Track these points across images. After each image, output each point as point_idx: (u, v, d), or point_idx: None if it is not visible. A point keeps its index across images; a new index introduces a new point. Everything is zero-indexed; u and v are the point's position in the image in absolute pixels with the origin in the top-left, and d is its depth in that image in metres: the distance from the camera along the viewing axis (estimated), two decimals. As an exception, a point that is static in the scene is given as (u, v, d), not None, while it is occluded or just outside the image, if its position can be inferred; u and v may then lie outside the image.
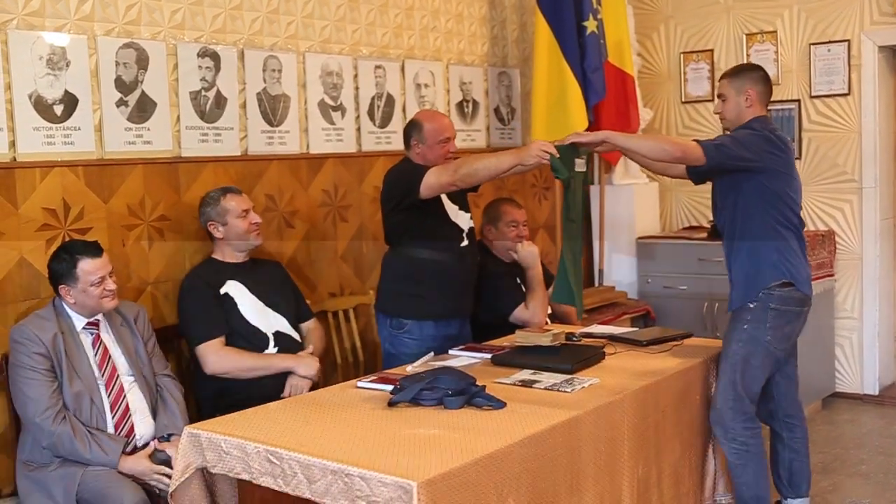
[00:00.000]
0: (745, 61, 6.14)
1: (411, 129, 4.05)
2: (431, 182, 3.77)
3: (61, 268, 3.32)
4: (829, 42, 5.87)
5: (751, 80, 3.79)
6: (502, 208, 4.51)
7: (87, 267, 3.31)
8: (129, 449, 3.31)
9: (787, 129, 5.99)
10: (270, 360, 3.82)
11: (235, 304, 3.85)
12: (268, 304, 3.93)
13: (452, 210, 4.07)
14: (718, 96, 3.89)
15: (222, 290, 3.85)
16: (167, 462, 3.22)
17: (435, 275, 3.97)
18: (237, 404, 3.19)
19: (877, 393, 5.92)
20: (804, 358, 5.39)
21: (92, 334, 3.39)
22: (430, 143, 3.99)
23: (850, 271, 5.94)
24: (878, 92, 5.78)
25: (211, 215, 3.89)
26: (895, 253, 6.06)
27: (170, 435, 3.38)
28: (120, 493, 3.08)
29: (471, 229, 4.15)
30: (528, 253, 4.42)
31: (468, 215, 4.15)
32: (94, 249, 3.36)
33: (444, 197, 4.01)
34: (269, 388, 3.71)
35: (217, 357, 3.73)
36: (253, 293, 3.90)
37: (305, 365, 3.83)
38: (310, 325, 4.13)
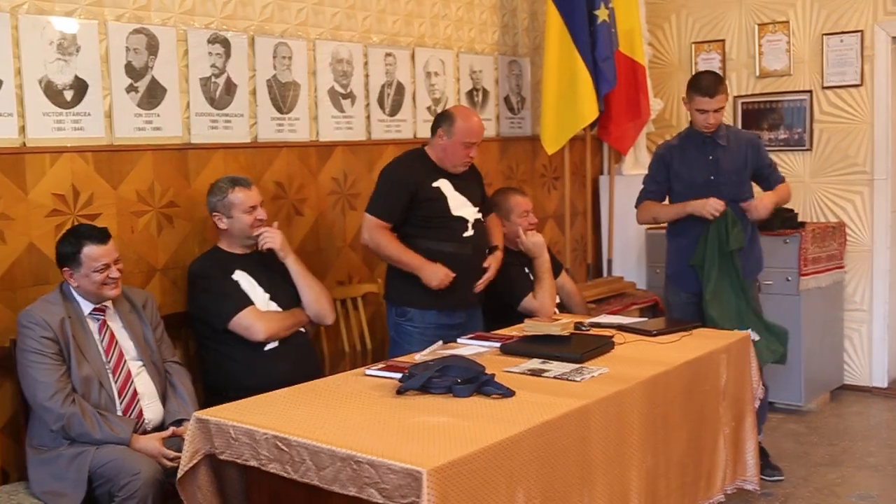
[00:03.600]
0: (757, 52, 6.12)
1: (442, 120, 4.05)
2: (370, 227, 4.03)
3: (66, 251, 3.32)
4: (842, 33, 5.83)
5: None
6: (513, 200, 4.50)
7: (91, 252, 3.30)
8: (139, 431, 3.31)
9: (798, 120, 5.98)
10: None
11: (246, 294, 3.81)
12: (272, 298, 3.88)
13: (457, 202, 4.06)
14: (717, 111, 4.31)
15: (233, 277, 3.81)
16: (180, 449, 3.21)
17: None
18: (245, 392, 3.17)
19: (885, 385, 5.90)
20: (813, 350, 5.42)
21: (98, 320, 3.39)
22: (455, 140, 4.00)
23: (859, 263, 5.91)
24: (891, 83, 5.75)
25: (217, 206, 3.84)
26: (905, 245, 6.03)
27: (181, 420, 3.37)
28: (135, 465, 3.08)
29: (477, 220, 4.13)
30: (534, 242, 4.43)
31: (475, 209, 4.14)
32: (101, 236, 3.35)
33: (448, 189, 4.04)
34: (278, 376, 3.67)
35: (263, 322, 3.72)
36: (260, 285, 3.86)
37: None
38: None
